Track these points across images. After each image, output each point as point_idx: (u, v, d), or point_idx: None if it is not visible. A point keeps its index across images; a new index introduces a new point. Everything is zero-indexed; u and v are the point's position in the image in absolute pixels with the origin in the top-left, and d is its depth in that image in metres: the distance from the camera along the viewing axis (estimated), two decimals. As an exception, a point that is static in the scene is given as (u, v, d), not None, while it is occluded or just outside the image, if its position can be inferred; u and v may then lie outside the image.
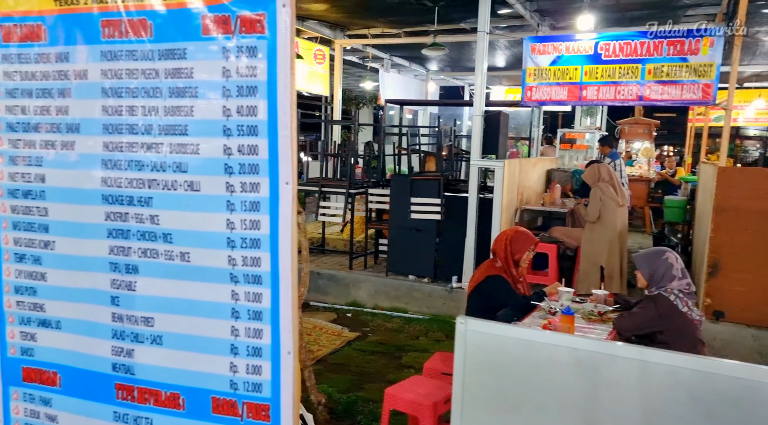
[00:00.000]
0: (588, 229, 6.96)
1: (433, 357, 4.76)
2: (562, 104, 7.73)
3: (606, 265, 6.93)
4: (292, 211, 1.48)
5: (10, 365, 1.88)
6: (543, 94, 6.66)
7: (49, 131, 1.73)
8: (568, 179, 8.67)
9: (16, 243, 1.82)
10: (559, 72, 6.55)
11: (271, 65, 1.47)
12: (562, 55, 6.51)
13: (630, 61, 6.20)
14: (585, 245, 6.98)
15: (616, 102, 6.29)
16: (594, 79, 6.36)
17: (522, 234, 4.85)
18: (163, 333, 1.68)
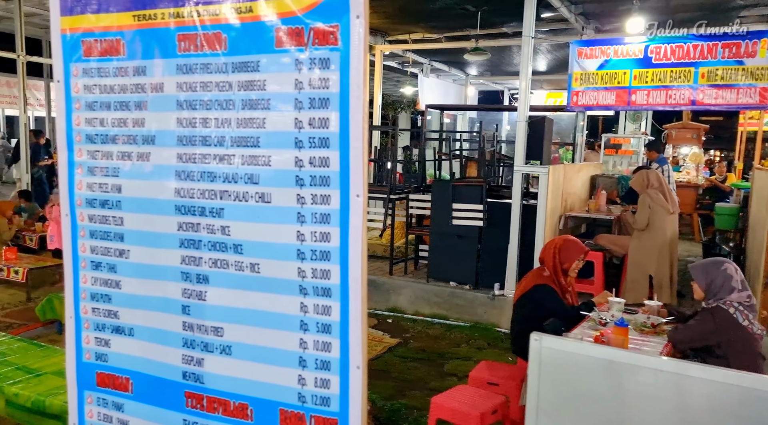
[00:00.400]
0: (636, 237, 6.79)
1: (478, 366, 4.71)
2: (610, 109, 7.58)
3: (655, 274, 6.75)
4: (363, 224, 1.48)
5: (85, 369, 1.93)
6: (590, 98, 6.53)
7: (125, 142, 1.78)
8: (613, 185, 8.48)
9: (93, 251, 1.88)
10: (606, 76, 6.42)
11: (344, 77, 1.47)
12: (611, 59, 6.38)
13: (682, 65, 6.04)
14: (633, 254, 6.81)
15: (667, 107, 6.13)
16: (644, 83, 6.21)
17: (571, 243, 4.77)
18: (232, 343, 1.70)
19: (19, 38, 10.70)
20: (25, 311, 6.92)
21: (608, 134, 9.62)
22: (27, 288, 7.41)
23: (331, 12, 1.45)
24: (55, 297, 6.02)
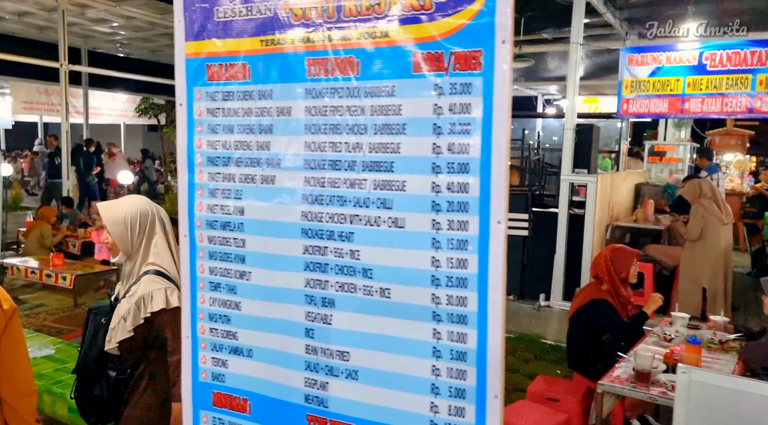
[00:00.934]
0: (688, 247, 6.67)
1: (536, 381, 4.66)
2: (662, 117, 7.47)
3: (709, 286, 6.62)
4: (504, 251, 1.46)
5: (201, 389, 1.94)
6: (641, 106, 6.44)
7: (249, 165, 1.79)
8: (659, 193, 8.34)
9: (212, 272, 1.89)
10: (659, 83, 6.32)
11: (487, 102, 1.45)
12: (663, 66, 6.29)
13: (739, 72, 5.92)
14: (685, 265, 6.69)
15: (722, 114, 6.01)
16: (698, 90, 6.10)
17: (620, 251, 4.71)
18: (359, 368, 1.69)
19: (62, 48, 10.95)
20: (73, 317, 7.06)
21: (651, 141, 9.48)
22: (74, 294, 7.55)
23: (474, 37, 1.44)
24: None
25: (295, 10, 1.66)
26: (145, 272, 2.36)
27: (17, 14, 12.52)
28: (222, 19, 1.77)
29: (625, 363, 3.77)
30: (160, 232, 2.41)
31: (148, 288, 2.30)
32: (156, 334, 2.34)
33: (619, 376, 3.58)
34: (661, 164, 9.15)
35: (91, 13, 12.28)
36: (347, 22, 1.59)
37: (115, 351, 2.35)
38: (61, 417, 3.83)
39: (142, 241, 2.38)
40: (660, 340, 4.21)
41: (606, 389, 3.47)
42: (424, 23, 1.49)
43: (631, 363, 3.63)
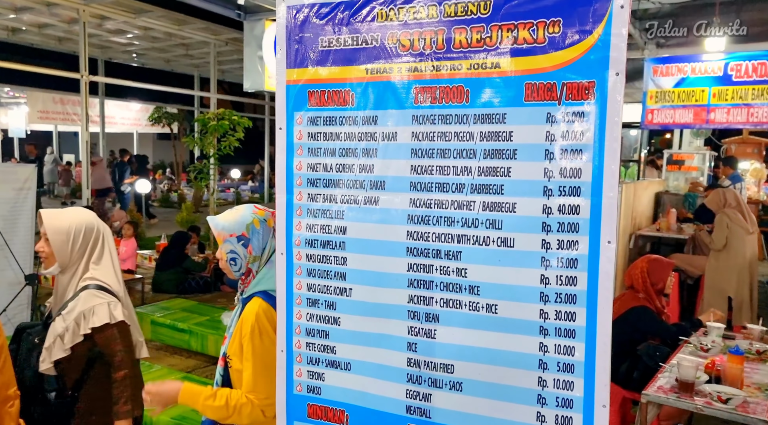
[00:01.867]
0: (713, 257, 6.73)
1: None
2: (688, 127, 7.55)
3: (735, 296, 6.67)
4: (613, 269, 1.54)
5: (295, 401, 2.01)
6: (666, 117, 6.53)
7: (351, 187, 1.87)
8: (679, 202, 8.40)
9: (310, 289, 1.97)
10: (684, 94, 6.41)
11: (600, 130, 1.53)
12: (688, 77, 6.38)
13: (765, 82, 6.01)
14: (710, 274, 6.74)
15: (748, 125, 6.10)
16: (723, 101, 6.19)
17: (657, 262, 4.76)
18: (464, 380, 1.76)
19: (83, 59, 11.10)
20: (101, 327, 7.11)
21: (669, 150, 9.55)
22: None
23: (587, 69, 1.52)
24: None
25: (403, 41, 1.74)
26: (83, 288, 2.27)
27: (37, 26, 12.68)
28: (326, 47, 1.85)
29: (667, 372, 3.81)
30: (102, 246, 2.33)
31: (88, 303, 2.22)
32: (99, 351, 2.26)
33: (663, 386, 3.63)
34: (680, 172, 9.22)
35: (110, 24, 12.44)
36: (456, 53, 1.67)
37: (51, 372, 2.26)
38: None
39: (83, 254, 2.29)
40: (697, 350, 4.25)
41: (651, 399, 3.53)
42: (536, 55, 1.57)
43: (673, 373, 3.67)
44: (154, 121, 19.54)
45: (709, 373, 3.66)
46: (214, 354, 5.75)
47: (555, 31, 1.54)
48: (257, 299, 2.07)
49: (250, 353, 2.02)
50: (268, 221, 2.12)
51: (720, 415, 3.30)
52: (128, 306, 2.44)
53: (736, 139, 11.16)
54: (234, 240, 2.07)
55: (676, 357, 4.04)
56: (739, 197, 6.57)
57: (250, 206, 2.16)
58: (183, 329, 6.15)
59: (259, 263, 2.11)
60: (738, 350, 3.76)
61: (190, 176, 11.25)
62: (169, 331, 6.29)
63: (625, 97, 1.51)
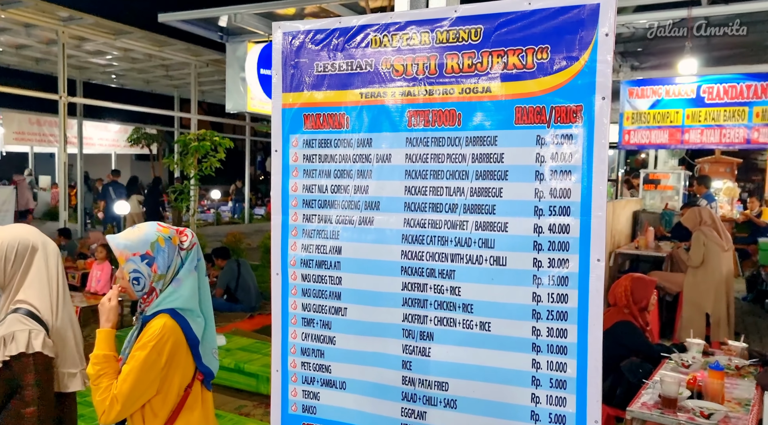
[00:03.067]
0: (691, 274, 6.85)
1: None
2: (663, 148, 7.76)
3: (712, 312, 6.78)
4: (602, 286, 1.59)
5: (290, 421, 2.02)
6: (642, 137, 6.72)
7: (346, 207, 1.90)
8: (656, 221, 8.57)
9: (305, 309, 1.99)
10: (659, 115, 6.61)
11: (588, 151, 1.60)
12: (662, 99, 6.58)
13: (736, 104, 6.22)
14: (689, 291, 6.86)
15: (721, 145, 6.29)
16: (697, 122, 6.39)
17: (640, 281, 4.85)
18: (458, 398, 1.79)
19: (61, 80, 11.02)
20: (81, 350, 6.97)
21: (646, 170, 9.78)
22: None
23: (575, 93, 1.59)
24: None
25: (396, 66, 1.80)
26: (13, 310, 2.10)
27: (15, 47, 12.57)
28: (321, 72, 1.91)
29: (650, 389, 3.87)
30: (39, 267, 2.15)
31: (10, 329, 2.04)
32: (15, 381, 2.06)
33: (646, 402, 3.67)
34: (656, 191, 9.43)
35: (89, 45, 12.39)
36: (449, 78, 1.73)
37: None
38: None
39: (15, 274, 2.12)
40: (678, 366, 4.31)
41: (635, 415, 3.57)
42: (525, 80, 1.64)
43: (656, 390, 3.73)
44: (132, 142, 19.43)
45: (690, 389, 3.72)
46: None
47: (543, 58, 1.61)
48: (164, 316, 1.90)
49: (138, 361, 1.84)
50: (173, 239, 1.98)
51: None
52: (62, 336, 2.20)
53: (709, 159, 11.48)
54: (137, 259, 1.94)
55: (658, 373, 4.09)
56: (714, 215, 6.73)
57: (153, 223, 2.04)
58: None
59: (163, 282, 1.96)
60: (718, 365, 3.83)
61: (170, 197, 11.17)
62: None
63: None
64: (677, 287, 7.11)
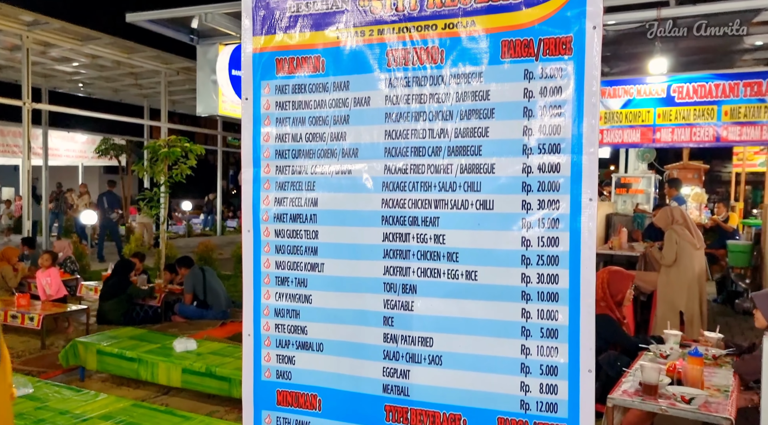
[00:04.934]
0: (664, 272, 6.90)
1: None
2: (635, 147, 7.86)
3: (685, 310, 6.82)
4: (594, 227, 1.51)
5: (264, 388, 1.87)
6: (615, 137, 6.78)
7: (323, 156, 1.79)
8: (629, 222, 8.65)
9: (279, 266, 1.86)
10: (631, 115, 6.68)
11: (578, 84, 1.52)
12: (634, 99, 6.66)
13: (705, 103, 6.33)
14: (662, 290, 6.90)
15: (691, 143, 6.38)
16: (668, 121, 6.48)
17: (618, 274, 4.83)
18: (443, 353, 1.68)
19: (25, 86, 10.72)
20: (41, 358, 6.67)
21: (617, 174, 9.90)
22: (42, 335, 7.17)
23: (564, 23, 1.52)
24: (79, 342, 5.83)
25: (375, 3, 1.71)
26: None
27: (-23, 52, 12.21)
28: (295, 13, 1.81)
29: (631, 377, 3.83)
30: None
31: None
32: None
33: (627, 390, 3.63)
34: (627, 195, 9.53)
35: (55, 52, 12.10)
36: (430, 13, 1.65)
37: None
38: (46, 459, 3.58)
39: None
40: (656, 357, 4.29)
41: (616, 403, 3.51)
42: (512, 12, 1.57)
43: (636, 377, 3.68)
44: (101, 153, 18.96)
45: (670, 376, 3.69)
46: (165, 383, 5.42)
47: (530, -13, 1.54)
48: None
49: None
50: None
51: (684, 415, 3.31)
52: None
53: (677, 165, 11.70)
54: None
55: (637, 363, 4.06)
56: (686, 214, 6.81)
57: None
58: (132, 357, 5.80)
59: None
60: (697, 351, 3.82)
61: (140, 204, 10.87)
62: (116, 360, 5.90)
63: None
64: (651, 286, 7.14)
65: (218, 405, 5.03)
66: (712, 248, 10.53)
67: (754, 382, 3.82)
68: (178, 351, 5.51)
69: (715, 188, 21.54)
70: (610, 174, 15.14)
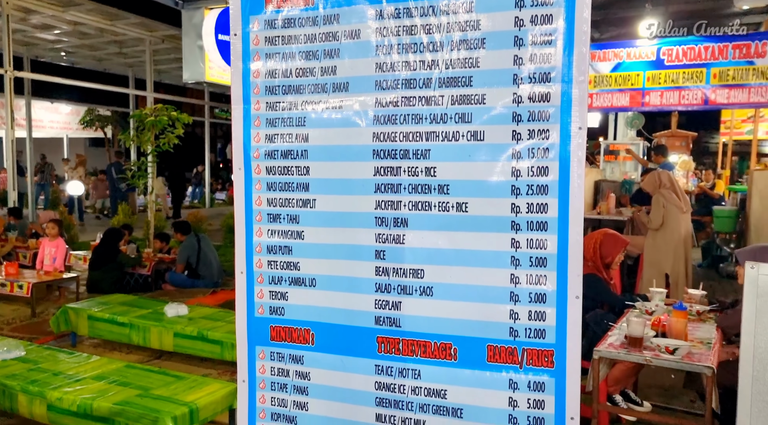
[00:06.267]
0: (651, 236, 6.99)
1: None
2: (624, 111, 7.87)
3: (671, 272, 6.93)
4: (584, 154, 1.52)
5: (257, 324, 1.90)
6: (604, 101, 6.78)
7: (313, 91, 1.78)
8: (617, 188, 8.73)
9: (270, 203, 1.86)
10: (620, 78, 6.68)
11: (569, 12, 1.52)
12: (623, 62, 6.65)
13: (694, 66, 6.34)
14: (649, 253, 7.00)
15: (680, 106, 6.41)
16: (657, 84, 6.49)
17: (612, 237, 4.89)
18: (434, 284, 1.70)
19: (7, 54, 10.49)
20: (32, 326, 6.68)
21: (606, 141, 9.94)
22: (32, 303, 7.17)
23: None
24: (69, 308, 5.84)
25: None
26: None
27: (-46, 19, 11.89)
28: (284, -54, 1.78)
29: (617, 331, 3.90)
30: None
31: None
32: None
33: (613, 343, 3.70)
34: (615, 162, 9.59)
35: (36, 19, 11.82)
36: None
37: None
38: (40, 417, 3.60)
39: None
40: (642, 314, 4.37)
41: (602, 355, 3.59)
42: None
43: (622, 331, 3.76)
44: (86, 124, 18.69)
45: (655, 330, 3.77)
46: (157, 347, 5.45)
47: None
48: None
49: None
50: None
51: (668, 365, 3.39)
52: None
53: (665, 133, 11.75)
54: None
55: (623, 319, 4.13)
56: (673, 178, 6.88)
57: None
58: (123, 322, 5.81)
59: None
60: (681, 305, 3.90)
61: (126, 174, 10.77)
62: (107, 326, 5.92)
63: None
64: (638, 249, 7.23)
65: (211, 368, 5.07)
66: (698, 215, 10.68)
67: (736, 336, 3.92)
68: (169, 316, 5.53)
69: (703, 158, 21.73)
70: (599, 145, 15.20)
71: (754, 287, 1.62)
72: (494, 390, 1.65)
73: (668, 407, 4.32)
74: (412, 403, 1.73)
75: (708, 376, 3.13)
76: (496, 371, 1.66)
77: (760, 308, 1.62)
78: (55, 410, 3.52)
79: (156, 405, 3.22)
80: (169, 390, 3.47)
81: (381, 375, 1.76)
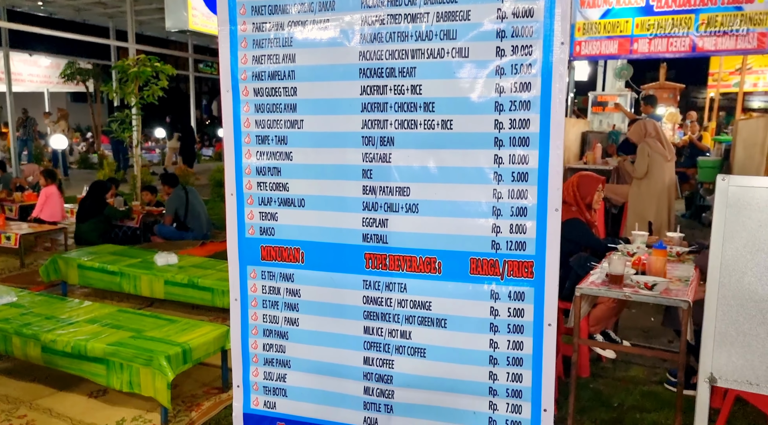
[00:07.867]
0: (635, 185, 7.10)
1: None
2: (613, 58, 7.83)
3: (654, 220, 7.07)
4: (566, 69, 1.56)
5: (248, 245, 1.95)
6: (593, 48, 6.75)
7: (299, 11, 1.78)
8: (604, 139, 8.79)
9: (258, 125, 1.89)
10: (609, 25, 6.63)
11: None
12: (613, 8, 6.59)
13: (683, 12, 6.28)
14: (633, 201, 7.12)
15: (668, 54, 6.40)
16: (645, 31, 6.45)
17: (586, 177, 4.97)
18: (419, 201, 1.75)
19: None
20: (21, 276, 6.71)
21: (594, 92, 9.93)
22: (20, 253, 7.18)
23: None
24: (59, 257, 5.86)
25: None
26: None
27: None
28: None
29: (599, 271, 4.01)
30: None
31: None
32: None
33: (594, 281, 3.81)
34: (603, 114, 9.61)
35: (11, -37, 11.39)
36: None
37: None
38: (35, 358, 3.67)
39: None
40: (623, 256, 4.48)
41: (584, 292, 3.70)
42: None
43: (604, 270, 3.87)
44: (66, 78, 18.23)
45: (636, 268, 3.89)
46: (148, 294, 5.50)
47: None
48: None
49: None
50: None
51: (646, 300, 3.52)
52: None
53: (653, 85, 11.73)
54: None
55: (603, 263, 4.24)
56: (658, 127, 6.93)
57: None
58: (113, 271, 5.85)
59: None
60: (661, 244, 4.01)
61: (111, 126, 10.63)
62: (97, 274, 5.96)
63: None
64: (622, 198, 7.35)
65: (203, 315, 5.14)
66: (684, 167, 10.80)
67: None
68: (159, 265, 5.56)
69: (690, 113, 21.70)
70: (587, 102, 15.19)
71: (724, 198, 1.70)
72: (477, 300, 1.73)
73: (647, 345, 4.49)
74: (398, 315, 1.81)
75: (684, 309, 3.25)
76: (478, 282, 1.73)
77: (728, 218, 1.70)
78: (50, 351, 3.58)
79: (149, 345, 3.28)
80: (162, 331, 3.53)
81: (368, 290, 1.83)
